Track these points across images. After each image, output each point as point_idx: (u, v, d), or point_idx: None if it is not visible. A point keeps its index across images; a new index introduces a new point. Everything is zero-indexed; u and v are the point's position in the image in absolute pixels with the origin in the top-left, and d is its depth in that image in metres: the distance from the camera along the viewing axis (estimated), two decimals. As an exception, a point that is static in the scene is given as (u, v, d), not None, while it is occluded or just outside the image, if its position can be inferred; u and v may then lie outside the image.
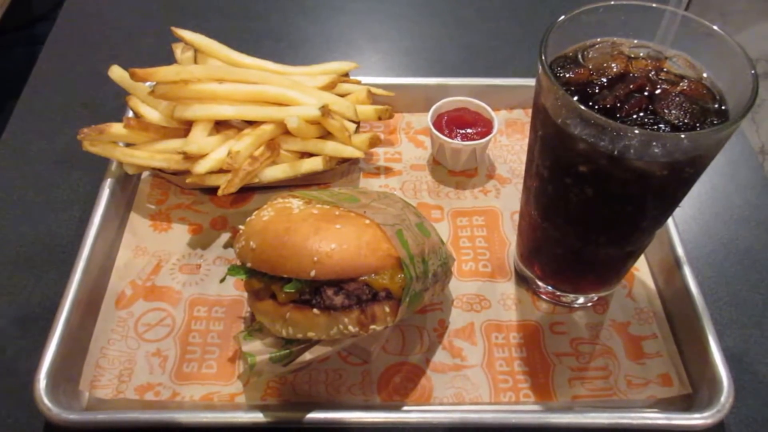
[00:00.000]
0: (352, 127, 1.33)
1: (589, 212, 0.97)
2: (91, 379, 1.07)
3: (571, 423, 1.01)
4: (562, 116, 0.87)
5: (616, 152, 0.83)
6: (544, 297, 1.20)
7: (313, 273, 0.91)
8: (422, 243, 1.00)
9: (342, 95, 1.37)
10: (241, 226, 1.03)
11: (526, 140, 1.44)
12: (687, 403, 1.07)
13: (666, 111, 0.86)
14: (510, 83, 1.53)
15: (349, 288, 0.93)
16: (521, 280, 1.23)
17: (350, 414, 1.01)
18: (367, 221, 0.97)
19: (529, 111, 1.53)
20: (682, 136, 0.82)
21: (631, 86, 0.89)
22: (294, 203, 1.02)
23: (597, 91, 0.89)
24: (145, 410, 1.02)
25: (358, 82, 1.44)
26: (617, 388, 1.09)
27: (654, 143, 0.81)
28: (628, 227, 0.99)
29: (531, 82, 1.48)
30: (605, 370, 1.11)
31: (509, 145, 1.49)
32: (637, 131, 0.80)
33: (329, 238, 0.93)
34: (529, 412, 1.04)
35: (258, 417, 0.99)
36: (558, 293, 1.18)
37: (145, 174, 1.37)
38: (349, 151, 1.28)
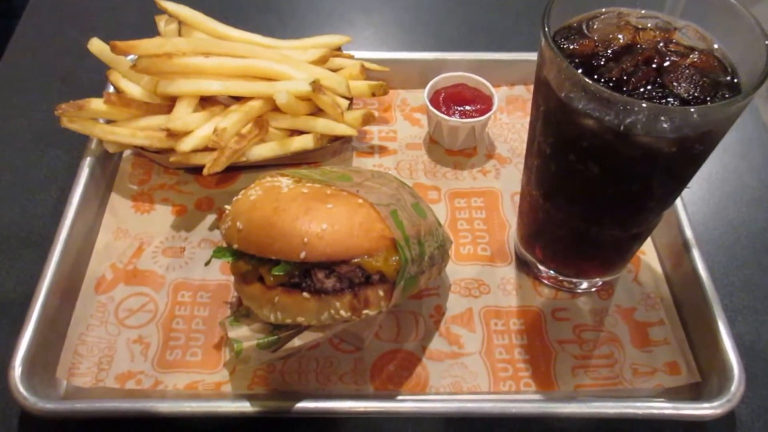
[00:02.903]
0: (345, 103, 1.32)
1: (593, 191, 0.96)
2: (69, 367, 1.06)
3: (575, 413, 1.00)
4: (565, 90, 0.86)
5: (622, 127, 0.82)
6: (545, 282, 1.20)
7: (302, 255, 0.89)
8: (418, 224, 0.99)
9: (334, 70, 1.35)
10: (227, 207, 1.02)
11: (528, 118, 1.43)
12: (696, 392, 1.07)
13: (675, 84, 0.85)
14: (511, 58, 1.52)
15: (340, 270, 0.92)
16: (522, 264, 1.23)
17: (342, 403, 1.00)
18: (360, 201, 0.96)
19: (531, 87, 1.49)
20: (692, 110, 0.81)
21: (639, 58, 0.88)
22: (283, 182, 1.00)
23: (602, 63, 0.88)
24: (126, 399, 1.01)
25: (351, 57, 1.42)
26: (623, 376, 1.08)
27: (662, 118, 0.80)
28: (634, 207, 0.98)
29: (533, 56, 1.45)
30: (610, 358, 1.11)
31: (510, 123, 1.48)
32: (644, 105, 0.79)
33: (320, 218, 0.91)
34: (531, 402, 1.04)
35: (245, 407, 0.98)
36: (560, 278, 1.17)
37: (127, 153, 1.36)
38: (341, 129, 1.27)
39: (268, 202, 0.95)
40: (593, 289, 1.19)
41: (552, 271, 1.17)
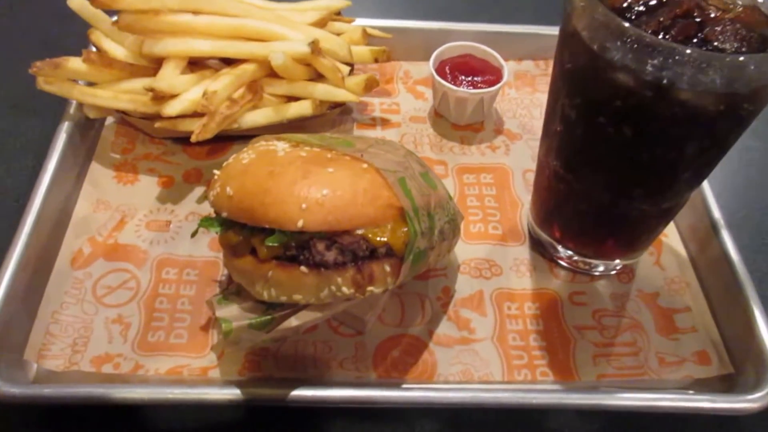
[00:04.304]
0: (346, 69, 1.23)
1: (624, 159, 0.87)
2: (39, 348, 0.97)
3: (599, 405, 0.92)
4: (599, 40, 0.77)
5: (665, 81, 0.73)
6: (562, 263, 1.11)
7: (300, 223, 0.80)
8: (428, 194, 0.90)
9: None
10: (216, 171, 0.92)
11: (537, 94, 1.40)
12: (728, 384, 0.98)
13: (720, 38, 0.77)
14: (519, 30, 1.46)
15: (343, 242, 0.83)
16: (536, 244, 1.14)
17: (341, 392, 0.92)
18: (365, 165, 0.86)
19: (540, 62, 1.48)
20: (745, 58, 0.72)
21: (677, 11, 0.79)
22: (279, 146, 0.91)
23: (634, 17, 0.80)
24: (102, 384, 0.92)
25: (352, 21, 1.33)
26: (648, 366, 1.00)
27: (712, 69, 0.71)
28: (669, 178, 0.89)
29: (542, 29, 1.43)
30: (633, 346, 1.03)
31: (519, 99, 1.41)
32: (693, 52, 0.71)
33: (320, 182, 0.82)
34: (552, 392, 0.95)
35: (234, 394, 0.90)
36: (577, 258, 1.09)
37: (110, 120, 1.27)
38: (342, 95, 1.18)
39: (262, 166, 0.86)
40: (613, 272, 1.11)
41: (570, 252, 1.08)
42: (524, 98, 1.41)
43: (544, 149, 1.02)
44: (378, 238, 0.83)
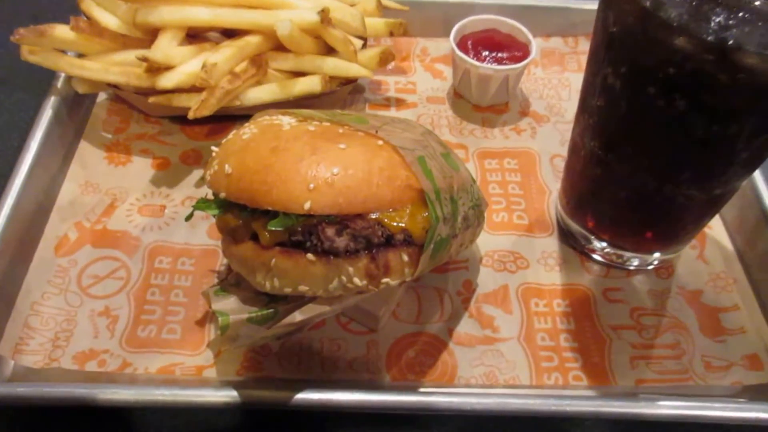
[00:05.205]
0: (359, 43, 1.16)
1: (674, 136, 0.80)
2: (16, 342, 0.93)
3: (641, 414, 0.85)
4: None
5: (730, 42, 0.66)
6: (595, 256, 1.04)
7: (307, 205, 0.73)
8: (450, 176, 0.82)
9: (346, 6, 1.18)
10: (214, 148, 0.85)
11: (566, 74, 1.36)
12: None
13: None
14: (547, 4, 1.39)
15: (355, 227, 0.75)
16: (566, 235, 1.08)
17: (351, 395, 0.85)
18: (380, 142, 0.79)
19: (569, 40, 1.42)
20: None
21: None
22: (284, 120, 0.84)
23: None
24: (85, 384, 0.86)
25: (364, -8, 1.26)
26: (693, 371, 0.94)
27: None
28: (724, 159, 0.82)
29: (573, 3, 1.38)
30: (676, 348, 0.96)
31: (546, 79, 1.34)
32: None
33: (330, 159, 0.74)
34: (587, 399, 0.88)
35: (231, 396, 0.84)
36: (611, 251, 1.02)
37: (102, 97, 1.22)
38: (354, 69, 1.11)
39: (264, 141, 0.78)
40: (650, 267, 1.04)
41: (604, 243, 1.01)
42: (552, 78, 1.34)
43: (579, 128, 0.94)
44: (395, 224, 0.76)
